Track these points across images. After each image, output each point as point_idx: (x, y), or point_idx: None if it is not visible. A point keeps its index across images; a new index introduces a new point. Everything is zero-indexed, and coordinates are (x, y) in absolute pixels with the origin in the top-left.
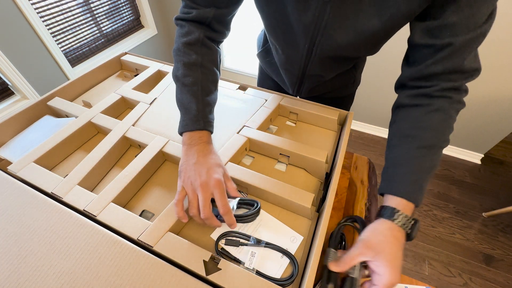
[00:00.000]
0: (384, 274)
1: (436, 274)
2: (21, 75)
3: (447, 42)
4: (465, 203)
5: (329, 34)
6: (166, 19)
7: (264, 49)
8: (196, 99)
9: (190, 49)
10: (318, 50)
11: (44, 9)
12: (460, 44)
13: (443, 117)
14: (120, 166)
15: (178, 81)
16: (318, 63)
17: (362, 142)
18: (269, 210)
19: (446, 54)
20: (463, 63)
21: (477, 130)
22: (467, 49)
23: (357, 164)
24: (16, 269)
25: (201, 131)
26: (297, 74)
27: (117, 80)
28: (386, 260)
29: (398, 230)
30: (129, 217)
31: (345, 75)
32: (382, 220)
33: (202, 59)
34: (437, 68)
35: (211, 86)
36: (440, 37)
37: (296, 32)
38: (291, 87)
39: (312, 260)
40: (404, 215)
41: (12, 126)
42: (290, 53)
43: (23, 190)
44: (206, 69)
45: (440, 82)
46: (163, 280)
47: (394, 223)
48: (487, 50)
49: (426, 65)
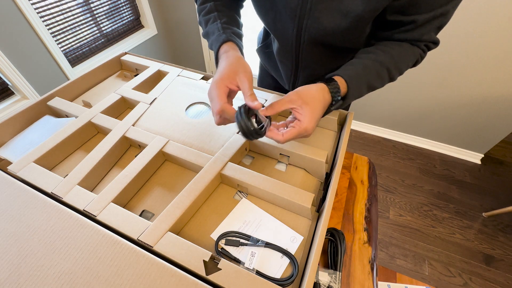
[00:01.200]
0: (303, 120)
1: (436, 274)
2: (21, 75)
3: (411, 19)
4: (465, 203)
5: (315, 16)
6: (166, 19)
7: (264, 44)
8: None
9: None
10: (306, 35)
11: (44, 9)
12: (422, 21)
13: (401, 50)
14: (120, 166)
15: (202, 24)
16: (309, 52)
17: (362, 142)
18: (269, 210)
19: (409, 28)
20: (422, 37)
21: (477, 130)
22: (428, 26)
23: (357, 164)
24: (16, 269)
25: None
26: (291, 66)
27: (117, 80)
28: (310, 110)
29: (328, 94)
30: (129, 217)
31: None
32: (319, 83)
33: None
34: (400, 36)
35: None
36: (406, 14)
37: (285, 17)
38: (287, 81)
39: (312, 260)
40: (337, 85)
41: (12, 126)
42: (281, 40)
43: (23, 190)
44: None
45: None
46: (163, 280)
47: (326, 87)
48: (487, 50)
49: (391, 33)
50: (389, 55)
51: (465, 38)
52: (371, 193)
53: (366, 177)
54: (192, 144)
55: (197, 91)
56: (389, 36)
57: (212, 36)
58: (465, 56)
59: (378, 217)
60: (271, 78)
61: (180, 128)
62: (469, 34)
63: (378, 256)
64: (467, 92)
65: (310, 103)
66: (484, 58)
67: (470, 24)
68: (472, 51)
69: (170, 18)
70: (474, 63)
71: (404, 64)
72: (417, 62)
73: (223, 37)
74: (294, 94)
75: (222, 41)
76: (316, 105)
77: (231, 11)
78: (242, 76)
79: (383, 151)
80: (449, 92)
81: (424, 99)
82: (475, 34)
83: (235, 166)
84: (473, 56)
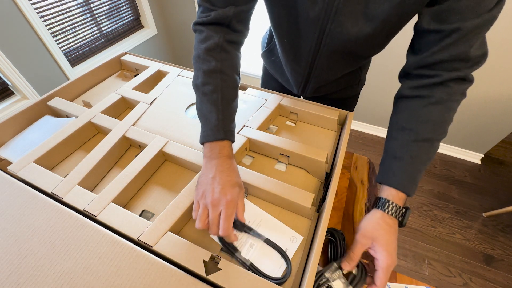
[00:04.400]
0: (381, 258)
1: (436, 274)
2: (21, 75)
3: (455, 27)
4: (465, 203)
5: (340, 20)
6: (166, 19)
7: (268, 49)
8: (217, 108)
9: (210, 55)
10: (328, 40)
11: (44, 9)
12: (468, 29)
13: (442, 109)
14: (120, 166)
15: (198, 90)
16: (326, 58)
17: (362, 142)
18: (269, 210)
19: (453, 40)
20: (470, 50)
21: (477, 130)
22: (475, 35)
23: (357, 164)
24: (16, 269)
25: (222, 141)
26: (303, 73)
27: (117, 80)
28: (382, 245)
29: (390, 218)
30: (129, 217)
31: (351, 75)
32: (375, 210)
33: (222, 65)
34: (443, 55)
35: (231, 93)
36: (448, 21)
37: (306, 21)
38: (296, 87)
39: (312, 260)
40: (395, 204)
41: (12, 126)
42: (298, 45)
43: (23, 190)
44: (226, 76)
45: (444, 72)
46: (163, 280)
47: (385, 213)
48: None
49: (431, 52)
50: (430, 125)
51: None
52: (371, 193)
53: (366, 177)
54: (192, 144)
55: None
56: (428, 59)
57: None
58: None
59: None
60: (276, 83)
61: (180, 128)
62: None
63: None
64: (467, 92)
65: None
66: None
67: None
68: None
69: (170, 18)
70: None
71: (450, 120)
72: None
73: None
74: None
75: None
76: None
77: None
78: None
79: (383, 151)
80: None
81: None
82: None
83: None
84: None
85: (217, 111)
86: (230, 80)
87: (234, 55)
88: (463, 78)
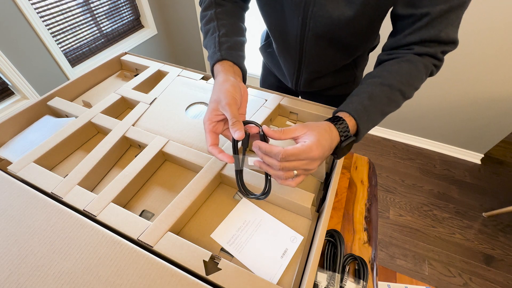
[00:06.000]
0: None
1: (436, 274)
2: (21, 75)
3: (425, 11)
4: (465, 203)
5: (321, 3)
6: (166, 19)
7: (267, 43)
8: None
9: (207, 11)
10: (312, 24)
11: (44, 9)
12: (437, 13)
13: (411, 66)
14: (120, 166)
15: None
16: (314, 44)
17: (362, 142)
18: (269, 210)
19: (424, 23)
20: (439, 34)
21: (477, 130)
22: (444, 20)
23: (357, 164)
24: (16, 269)
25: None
26: (294, 62)
27: (117, 80)
28: (315, 135)
29: (335, 132)
30: (129, 217)
31: (344, 71)
32: (326, 121)
33: (215, 11)
34: (414, 37)
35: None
36: (419, 6)
37: (290, 5)
38: (290, 79)
39: (312, 260)
40: (346, 123)
41: (12, 126)
42: (286, 32)
43: (23, 190)
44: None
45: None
46: (163, 280)
47: (332, 124)
48: (487, 50)
49: (404, 35)
50: (398, 75)
51: (465, 38)
52: (371, 193)
53: (366, 177)
54: (192, 144)
55: (197, 91)
56: (402, 41)
57: (209, 51)
58: (465, 56)
59: (378, 217)
60: (274, 77)
61: (180, 128)
62: (469, 34)
63: (378, 256)
64: (467, 92)
65: (315, 130)
66: (484, 58)
67: (470, 24)
68: (472, 51)
69: (170, 18)
70: (474, 63)
71: (418, 79)
72: (432, 73)
73: (217, 56)
74: (298, 124)
75: (215, 60)
76: (322, 133)
77: (232, 18)
78: (224, 104)
79: (383, 151)
80: (449, 92)
81: (424, 99)
82: (475, 34)
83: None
84: (473, 56)
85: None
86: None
87: (230, 6)
88: (433, 55)
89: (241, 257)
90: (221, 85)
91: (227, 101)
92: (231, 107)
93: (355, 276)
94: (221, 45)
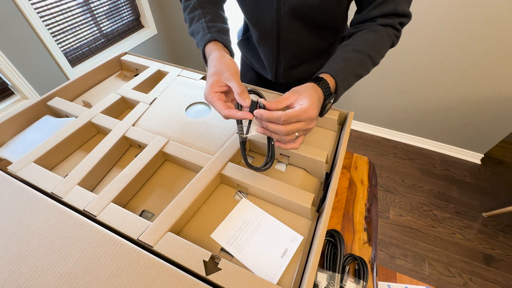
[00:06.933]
0: (304, 103)
1: (436, 274)
2: (21, 75)
3: None
4: (465, 203)
5: None
6: (166, 19)
7: (246, 37)
8: (199, 19)
9: (189, 1)
10: (286, 7)
11: (44, 9)
12: None
13: (377, 35)
14: (120, 166)
15: (187, 23)
16: (289, 29)
17: (362, 142)
18: (269, 210)
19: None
20: (397, 7)
21: (477, 130)
22: None
23: (357, 164)
24: (16, 269)
25: (212, 42)
26: (272, 50)
27: (117, 80)
28: (307, 97)
29: (320, 90)
30: (129, 217)
31: (321, 60)
32: (310, 82)
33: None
34: (376, 12)
35: (210, 6)
36: None
37: None
38: (269, 69)
39: (312, 260)
40: (327, 83)
41: (12, 126)
42: (262, 19)
43: (23, 190)
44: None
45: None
46: (163, 280)
47: (316, 84)
48: (487, 50)
49: (368, 10)
50: (366, 43)
51: (465, 38)
52: (371, 193)
53: (366, 177)
54: (192, 144)
55: (197, 91)
56: (366, 16)
57: (198, 36)
58: (465, 56)
59: (378, 217)
60: (253, 72)
61: (180, 128)
62: (469, 34)
63: (378, 256)
64: (467, 92)
65: (305, 93)
66: (484, 58)
67: (470, 24)
68: (472, 51)
69: (170, 18)
70: (474, 63)
71: (383, 47)
72: (394, 43)
73: (207, 37)
74: (288, 92)
75: (206, 41)
76: (312, 93)
77: (214, 7)
78: (227, 75)
79: (383, 151)
80: (449, 92)
81: (424, 99)
82: (475, 34)
83: (235, 166)
84: (473, 56)
85: (202, 25)
86: (211, 7)
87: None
88: (393, 26)
89: (241, 257)
90: (220, 59)
91: (231, 72)
92: (236, 77)
93: (355, 276)
94: (209, 29)
